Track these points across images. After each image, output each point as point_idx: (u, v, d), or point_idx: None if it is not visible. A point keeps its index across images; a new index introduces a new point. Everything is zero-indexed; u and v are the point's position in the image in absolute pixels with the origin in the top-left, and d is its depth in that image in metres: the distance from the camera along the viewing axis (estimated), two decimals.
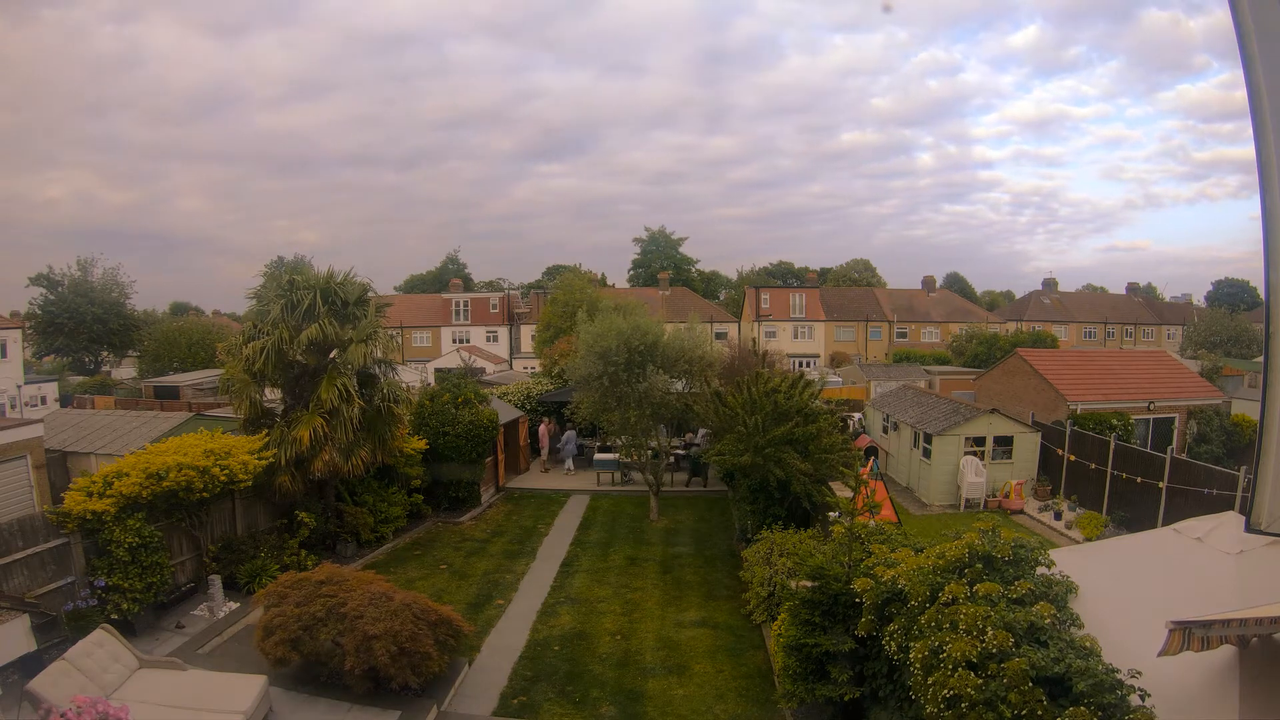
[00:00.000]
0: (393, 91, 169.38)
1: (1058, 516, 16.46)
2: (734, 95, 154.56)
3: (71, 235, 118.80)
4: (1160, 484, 14.63)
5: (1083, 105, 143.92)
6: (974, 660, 5.64)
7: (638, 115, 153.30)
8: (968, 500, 17.86)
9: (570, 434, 21.58)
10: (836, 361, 47.18)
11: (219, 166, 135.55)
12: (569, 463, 21.84)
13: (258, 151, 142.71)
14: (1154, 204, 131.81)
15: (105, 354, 47.99)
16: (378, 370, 14.63)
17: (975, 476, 17.87)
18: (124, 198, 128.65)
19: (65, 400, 31.57)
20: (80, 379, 41.18)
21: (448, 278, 69.59)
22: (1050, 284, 63.34)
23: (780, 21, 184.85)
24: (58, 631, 9.29)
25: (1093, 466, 16.77)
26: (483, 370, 34.39)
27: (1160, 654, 4.78)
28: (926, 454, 18.78)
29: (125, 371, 46.16)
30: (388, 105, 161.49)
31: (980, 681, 5.50)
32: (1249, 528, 6.09)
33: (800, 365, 44.13)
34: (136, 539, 10.28)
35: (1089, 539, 14.17)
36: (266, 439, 12.93)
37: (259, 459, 12.20)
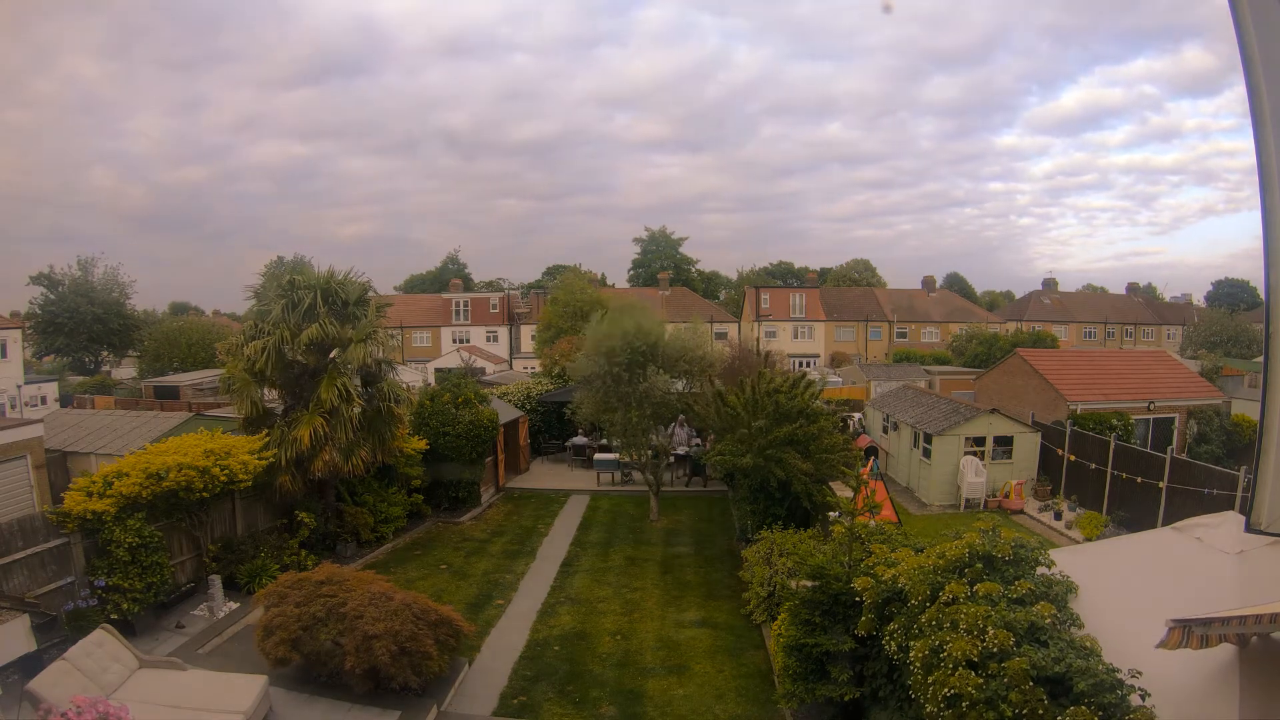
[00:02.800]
0: (564, 61, 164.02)
1: (1058, 516, 16.46)
2: (919, 93, 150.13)
3: (113, 221, 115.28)
4: (1160, 484, 14.63)
5: (1221, 119, 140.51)
6: (974, 660, 5.64)
7: (801, 106, 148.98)
8: (968, 500, 17.86)
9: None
10: (836, 361, 47.18)
11: (302, 142, 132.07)
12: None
13: (355, 124, 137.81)
14: (1233, 210, 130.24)
15: (105, 354, 47.98)
16: (378, 370, 14.62)
17: (975, 476, 17.87)
18: (183, 176, 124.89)
19: (65, 400, 31.57)
20: (80, 379, 41.19)
21: (448, 278, 69.60)
22: (1050, 284, 63.38)
23: (998, 24, 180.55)
24: (58, 631, 9.29)
25: (1093, 466, 16.77)
26: (483, 370, 34.43)
27: (1158, 646, 4.78)
28: (926, 454, 18.78)
29: (125, 371, 46.14)
30: (548, 77, 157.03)
31: (981, 681, 5.50)
32: (1249, 528, 6.10)
33: (800, 365, 44.13)
34: (136, 539, 10.28)
35: (1089, 539, 14.17)
36: (266, 439, 12.92)
37: (259, 459, 12.20)
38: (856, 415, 25.35)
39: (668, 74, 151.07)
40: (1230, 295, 70.62)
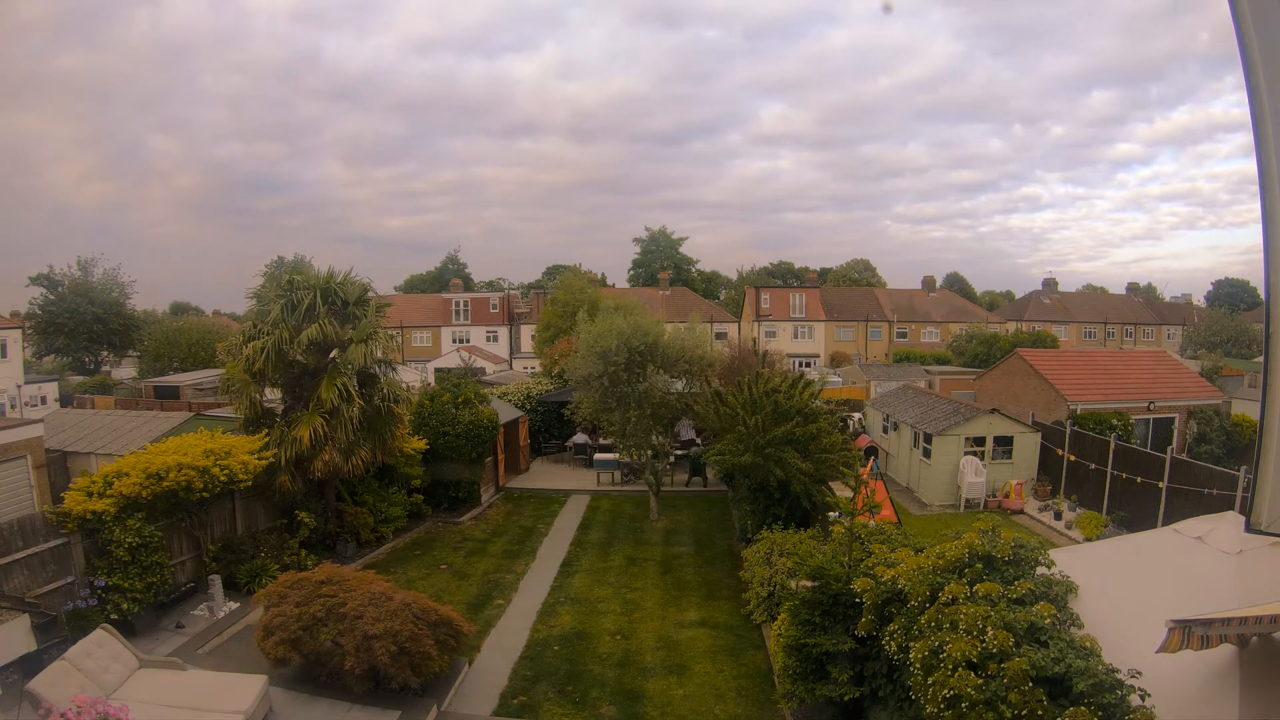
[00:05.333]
0: (752, 40, 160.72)
1: (1058, 516, 16.46)
2: (1073, 101, 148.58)
3: (160, 203, 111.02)
4: (1160, 484, 14.62)
5: None
6: (974, 660, 5.64)
7: (956, 107, 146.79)
8: (968, 500, 17.86)
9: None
10: (836, 361, 47.17)
11: (405, 115, 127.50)
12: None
13: (476, 99, 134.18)
14: None
15: (105, 354, 47.97)
16: (378, 370, 14.62)
17: (975, 476, 17.87)
18: (256, 151, 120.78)
19: (65, 400, 31.55)
20: (80, 379, 41.18)
21: (448, 277, 69.61)
22: (1050, 284, 63.37)
23: (1174, 44, 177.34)
24: (58, 631, 9.29)
25: (1093, 466, 16.76)
26: (483, 370, 34.39)
27: (1159, 650, 4.78)
28: (926, 454, 18.78)
29: (125, 371, 46.13)
30: (727, 56, 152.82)
31: (980, 681, 5.50)
32: (1249, 528, 6.09)
33: (800, 365, 44.11)
34: (136, 539, 10.29)
35: (1089, 539, 14.17)
36: (266, 439, 12.92)
37: (259, 459, 12.20)
38: (856, 415, 25.34)
39: (852, 56, 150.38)
40: (1230, 295, 70.60)
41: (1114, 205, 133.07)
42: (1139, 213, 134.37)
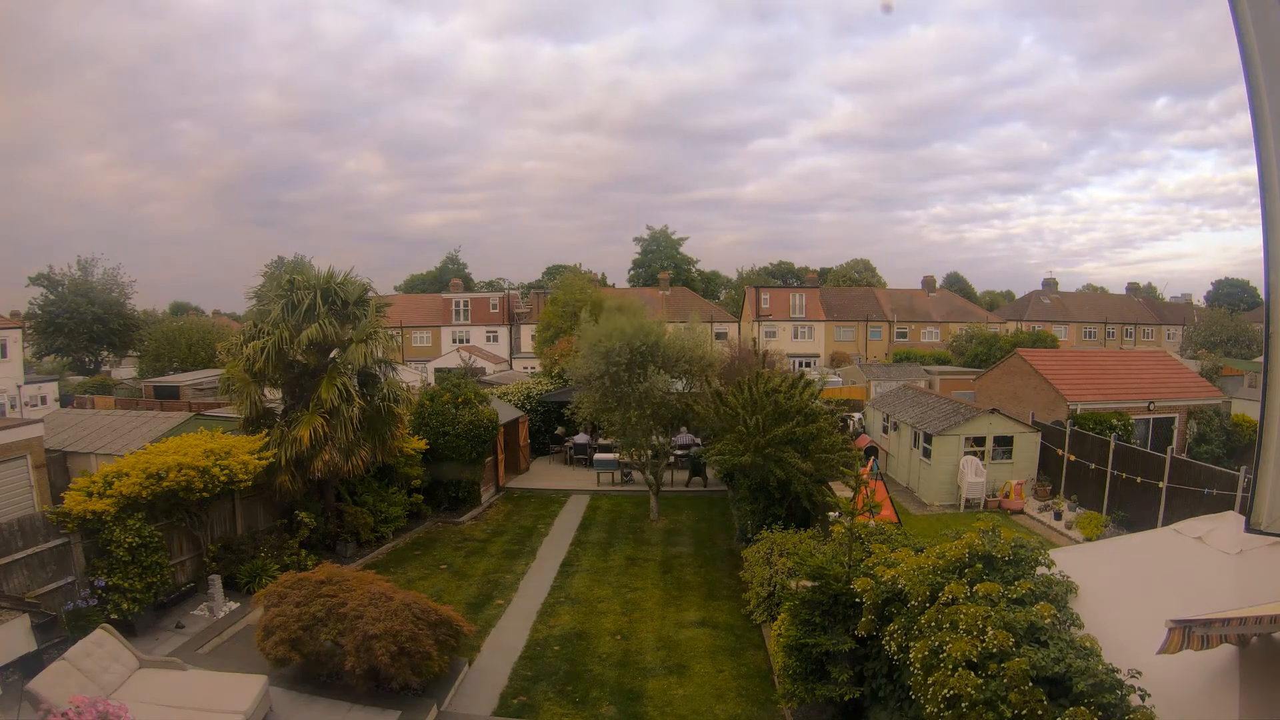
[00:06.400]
0: (835, 37, 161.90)
1: (1058, 516, 16.46)
2: (1137, 107, 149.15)
3: (182, 200, 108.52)
4: (1160, 484, 14.62)
5: None
6: (974, 660, 5.64)
7: (1020, 111, 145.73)
8: (968, 500, 17.85)
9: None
10: (836, 361, 47.17)
11: (454, 106, 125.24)
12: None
13: (539, 90, 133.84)
14: None
15: (105, 354, 47.97)
16: (378, 370, 14.62)
17: (975, 476, 17.87)
18: (288, 140, 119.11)
19: (65, 400, 31.55)
20: (80, 379, 41.18)
21: (448, 277, 69.62)
22: (1050, 284, 63.36)
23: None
24: (58, 631, 9.29)
25: (1093, 466, 16.76)
26: (483, 370, 34.41)
27: (1159, 652, 4.79)
28: (926, 454, 18.78)
29: (125, 371, 46.17)
30: (808, 55, 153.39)
31: (980, 681, 5.50)
32: (1249, 528, 6.09)
33: (800, 365, 44.12)
34: (136, 539, 10.29)
35: (1089, 539, 14.17)
36: (266, 439, 12.93)
37: (259, 459, 12.20)
38: (856, 415, 25.34)
39: (937, 55, 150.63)
40: (1230, 295, 70.61)
41: (1144, 208, 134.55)
42: (1167, 215, 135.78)
